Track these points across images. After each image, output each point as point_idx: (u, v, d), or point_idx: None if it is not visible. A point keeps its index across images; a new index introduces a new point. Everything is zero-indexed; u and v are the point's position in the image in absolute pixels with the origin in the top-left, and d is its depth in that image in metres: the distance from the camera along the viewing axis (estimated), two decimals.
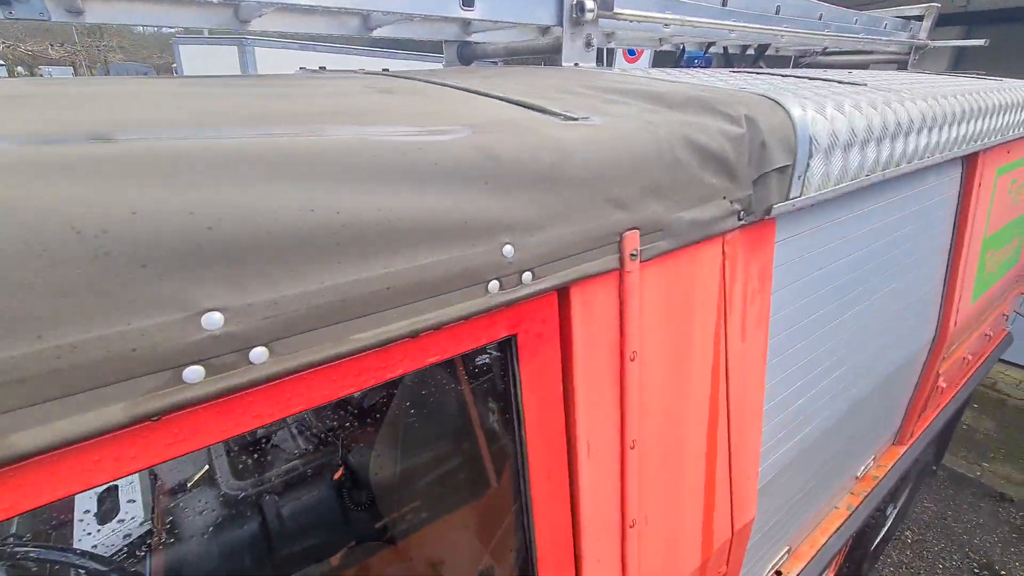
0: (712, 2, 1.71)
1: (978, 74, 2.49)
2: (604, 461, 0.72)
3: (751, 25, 1.78)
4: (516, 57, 1.69)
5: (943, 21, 5.38)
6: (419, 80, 0.96)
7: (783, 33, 1.95)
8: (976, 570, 2.94)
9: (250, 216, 0.39)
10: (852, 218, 1.19)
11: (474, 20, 1.21)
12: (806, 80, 1.27)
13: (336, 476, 1.49)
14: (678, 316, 0.77)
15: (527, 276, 0.55)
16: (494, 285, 0.53)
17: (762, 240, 0.88)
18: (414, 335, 0.48)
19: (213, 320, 0.37)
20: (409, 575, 1.23)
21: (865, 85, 1.24)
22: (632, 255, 0.65)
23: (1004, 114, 1.66)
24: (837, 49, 2.46)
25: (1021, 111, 1.78)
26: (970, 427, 4.11)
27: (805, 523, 1.56)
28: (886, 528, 2.83)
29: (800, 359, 1.13)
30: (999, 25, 5.41)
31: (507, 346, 0.60)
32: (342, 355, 0.44)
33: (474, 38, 1.75)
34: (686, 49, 2.15)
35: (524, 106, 0.72)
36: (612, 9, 1.29)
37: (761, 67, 2.65)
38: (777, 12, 1.92)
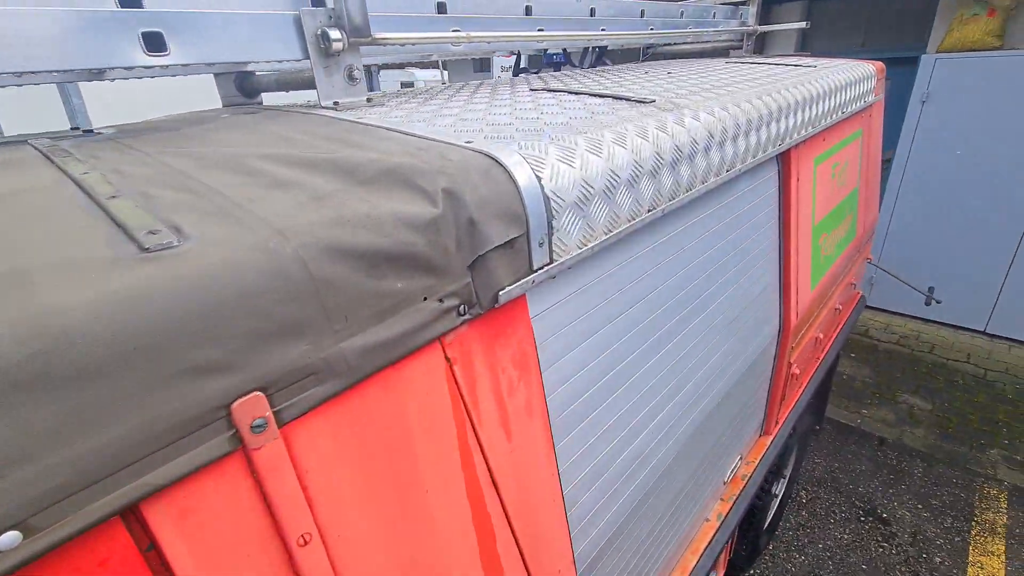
0: (515, 11, 1.58)
1: (802, 56, 2.58)
2: None
3: (560, 33, 1.67)
4: (290, 90, 1.47)
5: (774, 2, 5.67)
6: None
7: (601, 37, 1.86)
8: (861, 517, 3.14)
9: None
10: (655, 247, 1.10)
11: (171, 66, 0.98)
12: (591, 101, 1.16)
13: None
14: (382, 460, 0.61)
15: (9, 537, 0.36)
16: None
17: (507, 324, 0.74)
18: None
19: None
20: None
21: (654, 102, 1.15)
22: (256, 426, 0.48)
23: (812, 106, 1.67)
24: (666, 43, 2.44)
25: (829, 99, 1.81)
26: (849, 376, 4.44)
27: (671, 551, 1.51)
28: (778, 502, 2.95)
29: (605, 423, 1.02)
30: (834, 1, 5.80)
31: None
32: None
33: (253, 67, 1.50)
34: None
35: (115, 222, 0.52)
36: (368, 36, 1.11)
37: (607, 63, 2.59)
38: (592, 14, 1.83)
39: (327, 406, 0.54)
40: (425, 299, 0.62)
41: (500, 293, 0.67)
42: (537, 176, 0.73)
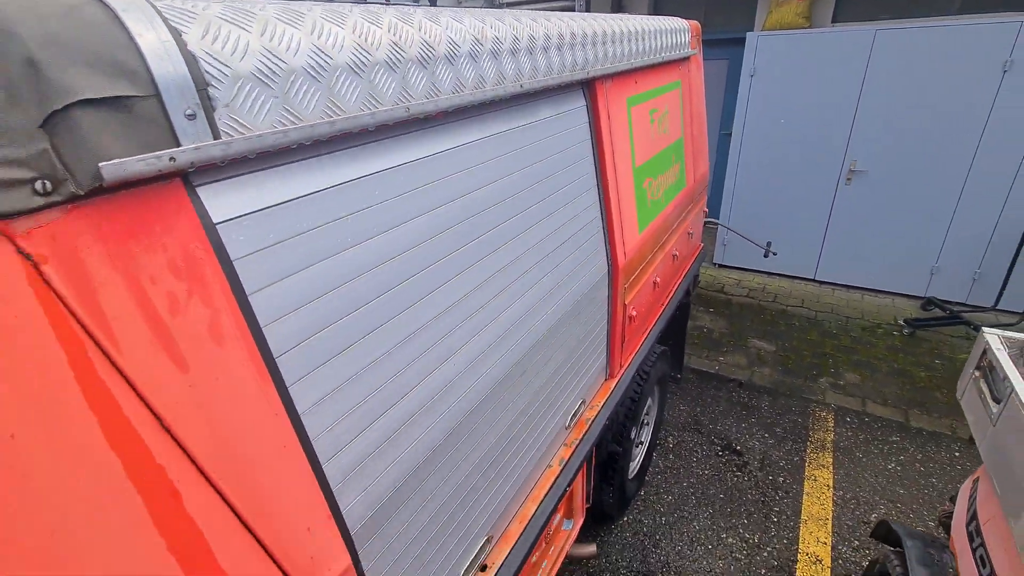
0: None
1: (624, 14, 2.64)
2: None
3: None
4: None
5: None
6: None
7: None
8: (719, 453, 3.39)
9: None
10: (424, 160, 0.99)
11: None
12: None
13: None
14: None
15: None
16: None
17: (152, 219, 0.58)
18: None
19: None
20: None
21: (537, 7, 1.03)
22: None
23: (617, 43, 1.67)
24: None
25: (638, 41, 1.84)
26: (708, 329, 4.81)
27: (508, 505, 1.44)
28: (644, 449, 3.08)
29: (377, 351, 0.90)
30: None
31: None
32: None
33: None
34: None
35: None
36: None
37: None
38: None
39: None
40: None
41: (103, 165, 0.50)
42: (175, 28, 0.57)
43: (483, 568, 1.34)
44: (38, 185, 0.48)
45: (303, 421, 0.77)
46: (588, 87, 1.59)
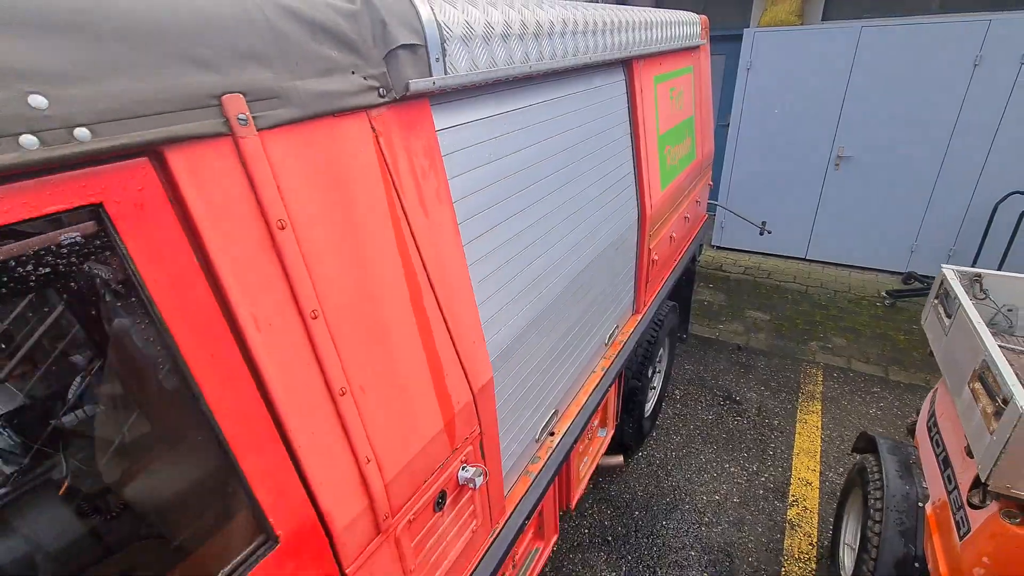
0: None
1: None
2: (282, 333, 0.74)
3: None
4: None
5: None
6: None
7: None
8: (721, 402, 3.81)
9: None
10: (527, 108, 1.38)
11: None
12: None
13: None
14: (333, 188, 0.81)
15: (81, 132, 0.52)
16: (29, 140, 0.48)
17: (417, 119, 0.97)
18: None
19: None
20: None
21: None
22: (240, 119, 0.66)
23: (648, 30, 2.07)
24: None
25: (664, 29, 2.24)
26: (708, 302, 5.23)
27: (569, 389, 1.84)
28: (658, 393, 3.49)
29: (502, 238, 1.29)
30: None
31: (99, 220, 0.56)
32: None
33: None
34: None
35: None
36: None
37: None
38: None
39: (290, 129, 0.73)
40: (353, 73, 0.82)
41: (410, 83, 0.89)
42: (432, 7, 0.96)
43: (551, 434, 1.74)
44: (380, 92, 0.87)
45: (470, 272, 1.16)
46: (627, 65, 1.99)
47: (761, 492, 3.06)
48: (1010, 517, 1.49)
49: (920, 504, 1.98)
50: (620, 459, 2.71)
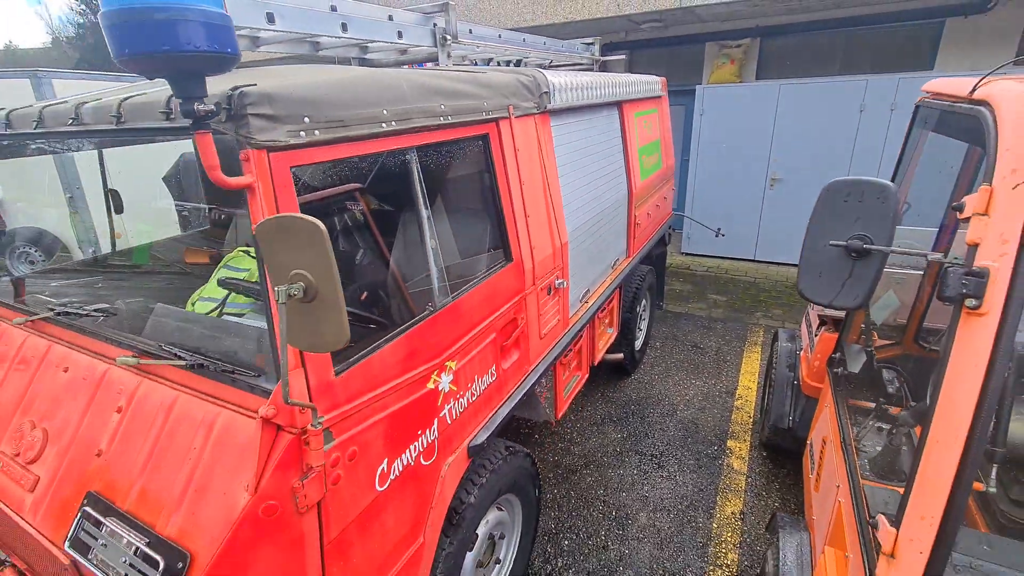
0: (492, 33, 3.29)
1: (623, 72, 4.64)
2: (530, 195, 2.14)
3: (485, 43, 3.41)
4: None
5: (616, 47, 8.12)
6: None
7: (510, 53, 3.64)
8: (688, 348, 5.20)
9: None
10: (582, 123, 2.86)
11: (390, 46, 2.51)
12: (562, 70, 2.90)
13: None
14: (528, 142, 2.24)
15: (480, 116, 1.94)
16: (442, 114, 1.91)
17: (547, 121, 2.41)
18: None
19: None
20: None
21: (591, 67, 2.93)
22: (512, 113, 2.09)
23: (630, 85, 3.62)
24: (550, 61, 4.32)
25: (635, 86, 3.80)
26: (679, 290, 6.70)
27: (594, 280, 3.23)
28: (644, 336, 4.87)
29: (571, 180, 2.72)
30: (645, 51, 8.44)
31: (485, 139, 1.96)
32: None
33: (369, 56, 2.99)
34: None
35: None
36: (458, 39, 2.74)
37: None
38: (499, 37, 3.60)
39: (520, 118, 2.16)
40: (531, 101, 2.26)
41: (547, 106, 2.34)
42: (549, 78, 2.42)
43: (586, 301, 3.12)
44: (536, 108, 2.31)
45: (562, 193, 2.57)
46: (619, 105, 3.51)
47: (717, 394, 4.42)
48: (825, 327, 2.90)
49: (798, 352, 3.39)
50: (621, 356, 4.07)
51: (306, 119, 1.24)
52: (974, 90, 1.32)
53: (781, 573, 1.82)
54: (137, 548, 1.23)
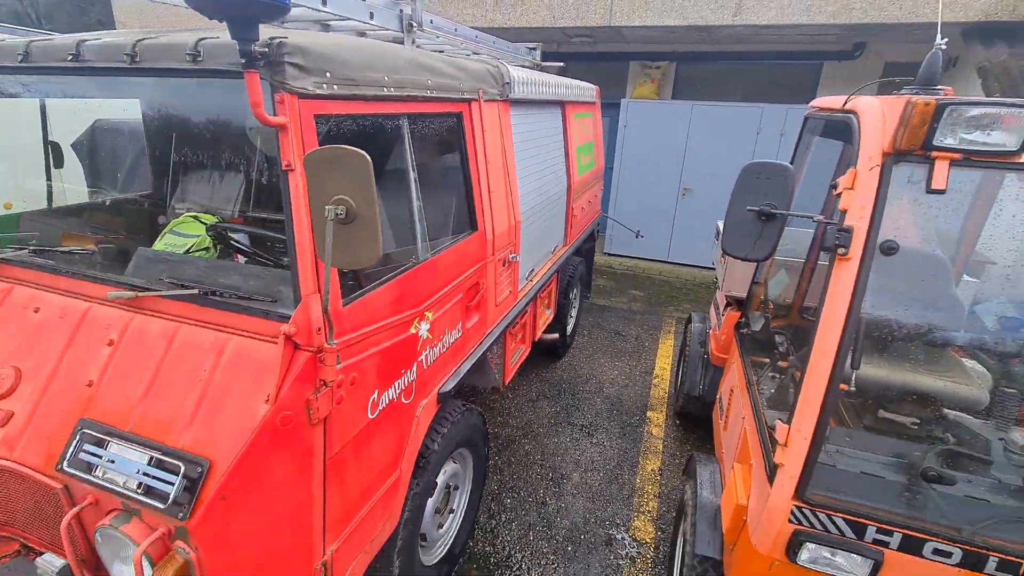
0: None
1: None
2: (493, 169, 2.38)
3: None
4: None
5: (549, 56, 8.52)
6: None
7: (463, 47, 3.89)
8: (612, 336, 5.69)
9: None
10: (534, 116, 3.15)
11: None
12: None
13: None
14: (494, 123, 2.48)
15: (454, 94, 2.16)
16: (438, 91, 2.13)
17: (507, 108, 2.66)
18: None
19: None
20: None
21: (533, 70, 3.23)
22: (482, 96, 2.32)
23: (571, 88, 3.99)
24: None
25: (576, 90, 4.18)
26: (603, 286, 7.24)
27: (538, 261, 3.53)
28: (574, 323, 5.27)
29: (523, 164, 3.00)
30: (579, 65, 8.93)
31: (458, 117, 2.18)
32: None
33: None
34: None
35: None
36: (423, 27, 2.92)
37: None
38: (455, 30, 3.85)
39: (488, 103, 2.40)
40: (496, 88, 2.51)
41: (509, 95, 2.60)
42: (511, 70, 2.69)
43: (531, 280, 3.41)
44: (500, 95, 2.55)
45: (517, 172, 2.84)
46: (562, 105, 3.86)
47: (637, 374, 4.91)
48: (731, 307, 3.41)
49: (707, 331, 3.92)
50: (556, 336, 4.41)
51: (327, 74, 1.40)
52: (845, 103, 1.76)
53: (698, 494, 2.20)
54: (152, 458, 1.30)
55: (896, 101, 1.46)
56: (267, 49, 1.20)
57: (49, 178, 2.48)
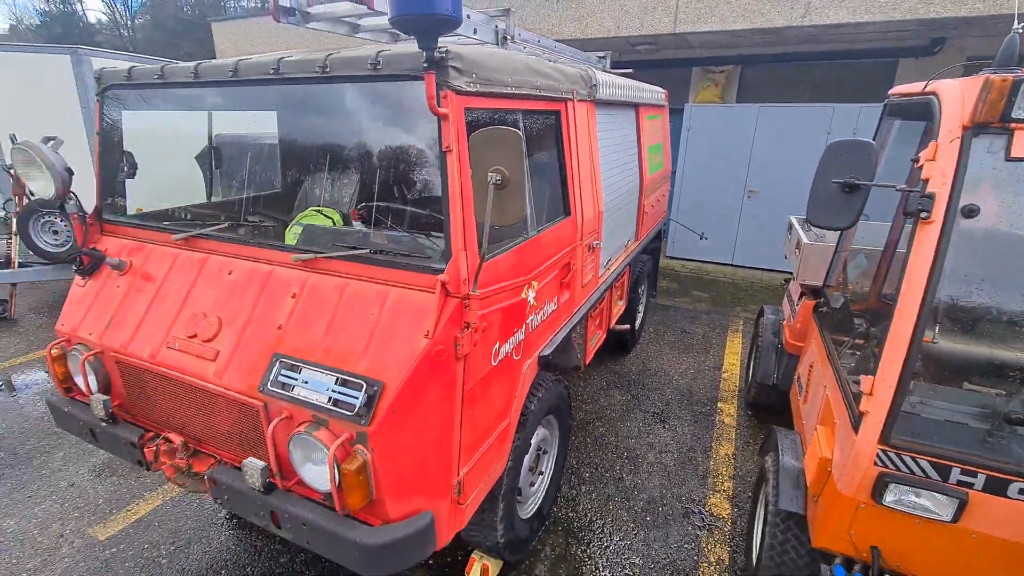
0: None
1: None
2: (583, 159, 2.66)
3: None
4: None
5: (615, 65, 8.76)
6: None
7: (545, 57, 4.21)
8: (680, 334, 5.79)
9: None
10: (614, 116, 3.41)
11: None
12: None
13: None
14: (586, 121, 2.76)
15: (555, 94, 2.46)
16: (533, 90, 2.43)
17: (594, 108, 2.94)
18: None
19: None
20: None
21: (613, 73, 3.51)
22: (576, 96, 2.61)
23: (643, 91, 4.23)
24: None
25: (647, 93, 4.41)
26: (668, 288, 7.33)
27: (614, 253, 3.76)
28: (642, 318, 5.43)
29: (606, 158, 3.26)
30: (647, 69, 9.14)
31: (557, 114, 2.47)
32: None
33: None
34: None
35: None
36: (514, 40, 3.27)
37: None
38: (538, 42, 4.18)
39: (581, 103, 2.69)
40: (586, 90, 2.80)
41: (596, 96, 2.88)
42: (598, 74, 2.97)
43: (608, 268, 3.64)
44: (589, 95, 2.84)
45: (601, 166, 3.11)
46: (636, 107, 4.10)
47: (706, 368, 5.00)
48: (805, 296, 3.50)
49: (780, 322, 4.00)
50: (627, 327, 4.61)
51: (474, 75, 1.73)
52: (925, 87, 1.92)
53: (781, 459, 2.35)
54: (338, 379, 1.66)
55: (974, 80, 1.61)
56: (443, 56, 1.54)
57: (209, 182, 2.99)
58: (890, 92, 2.47)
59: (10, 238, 6.03)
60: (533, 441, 2.69)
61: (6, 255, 6.25)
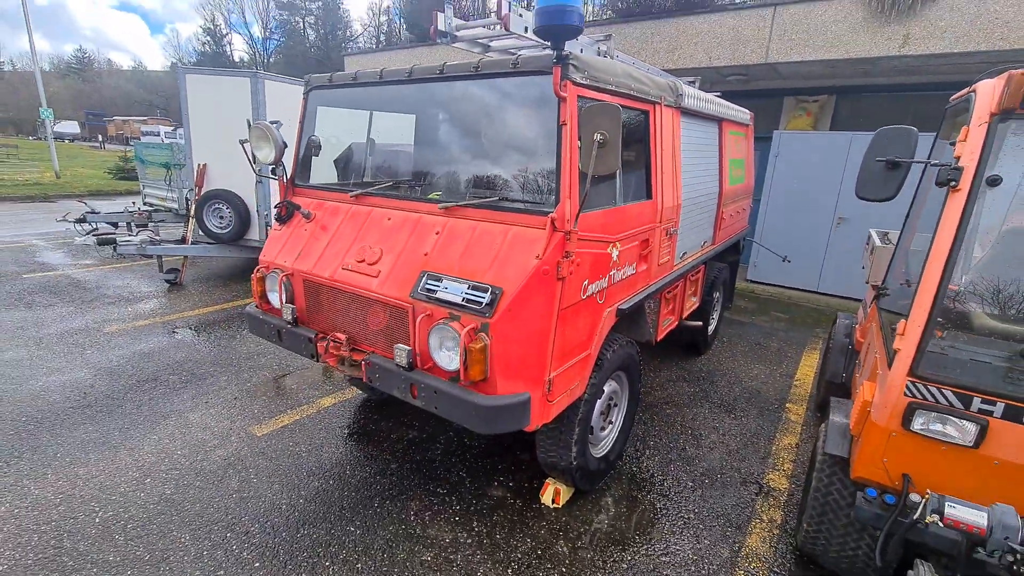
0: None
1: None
2: (666, 155, 3.17)
3: None
4: None
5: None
6: None
7: None
8: (754, 346, 5.94)
9: None
10: (697, 125, 3.90)
11: None
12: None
13: None
14: (671, 126, 3.28)
15: (649, 97, 3.00)
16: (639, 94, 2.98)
17: (679, 116, 3.45)
18: None
19: None
20: None
21: (701, 90, 4.02)
22: (664, 103, 3.15)
23: (727, 108, 4.66)
24: None
25: (731, 110, 4.82)
26: (744, 307, 7.44)
27: (689, 248, 4.17)
28: (715, 325, 5.68)
29: (688, 162, 3.73)
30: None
31: (647, 114, 3.01)
32: None
33: None
34: None
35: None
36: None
37: None
38: (633, 63, 4.75)
39: (668, 108, 3.22)
40: (673, 99, 3.32)
41: (681, 104, 3.39)
42: (683, 86, 3.49)
43: (683, 259, 4.05)
44: (675, 104, 3.37)
45: (683, 167, 3.58)
46: (719, 121, 4.53)
47: (778, 376, 5.15)
48: (876, 299, 3.69)
49: (853, 325, 4.15)
50: (700, 323, 4.92)
51: (585, 72, 2.33)
52: (971, 87, 2.25)
53: (831, 418, 2.63)
54: (469, 285, 2.27)
55: (1003, 76, 1.96)
56: (567, 55, 2.16)
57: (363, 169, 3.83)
58: (951, 98, 2.76)
59: (188, 220, 7.51)
60: (606, 389, 3.15)
61: (182, 235, 7.77)
